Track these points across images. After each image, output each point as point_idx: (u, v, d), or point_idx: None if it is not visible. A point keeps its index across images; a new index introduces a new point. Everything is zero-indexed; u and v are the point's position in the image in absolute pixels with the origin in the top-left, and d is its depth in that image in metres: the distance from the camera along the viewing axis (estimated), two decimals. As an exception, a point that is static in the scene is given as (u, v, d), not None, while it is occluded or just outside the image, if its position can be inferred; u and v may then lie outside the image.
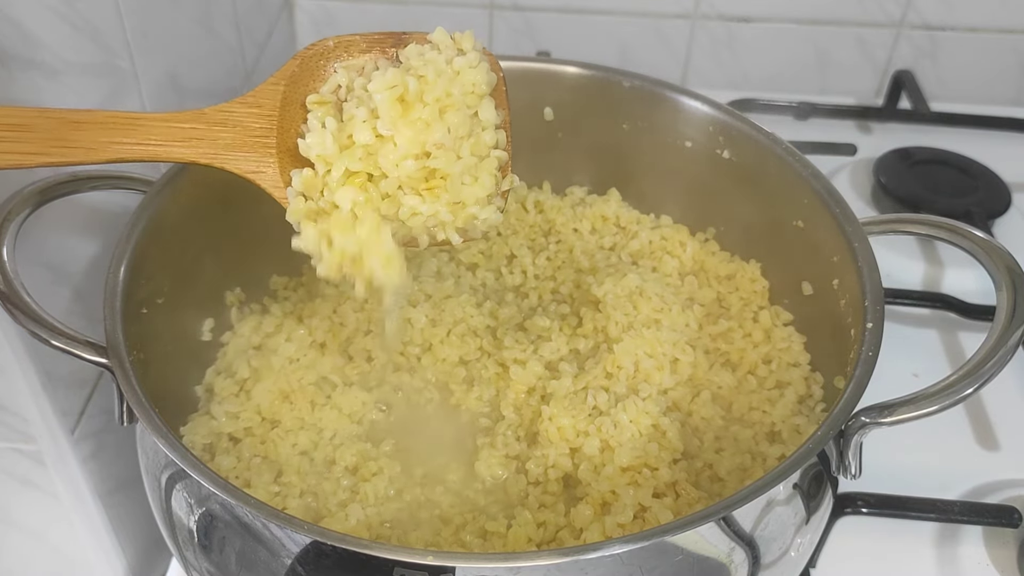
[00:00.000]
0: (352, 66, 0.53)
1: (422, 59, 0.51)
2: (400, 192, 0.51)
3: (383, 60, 0.53)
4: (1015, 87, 1.09)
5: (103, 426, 0.63)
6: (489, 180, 0.52)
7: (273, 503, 0.54)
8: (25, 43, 0.53)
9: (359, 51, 0.53)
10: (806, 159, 0.64)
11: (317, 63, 0.53)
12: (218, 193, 0.65)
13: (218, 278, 0.67)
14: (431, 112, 0.50)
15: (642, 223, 0.75)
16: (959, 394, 0.48)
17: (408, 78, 0.50)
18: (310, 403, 0.62)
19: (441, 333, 0.66)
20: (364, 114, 0.50)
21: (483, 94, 0.52)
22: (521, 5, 1.04)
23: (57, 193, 0.54)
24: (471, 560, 0.43)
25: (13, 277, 0.50)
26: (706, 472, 0.58)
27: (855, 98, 1.08)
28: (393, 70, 0.51)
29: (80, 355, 0.50)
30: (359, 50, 0.53)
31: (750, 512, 0.46)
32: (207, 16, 0.80)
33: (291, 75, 0.52)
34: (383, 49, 0.53)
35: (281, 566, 0.45)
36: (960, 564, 0.63)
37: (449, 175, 0.50)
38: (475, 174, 0.51)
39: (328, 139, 0.50)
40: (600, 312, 0.67)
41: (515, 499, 0.57)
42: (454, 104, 0.50)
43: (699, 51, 1.07)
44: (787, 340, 0.66)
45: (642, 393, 0.61)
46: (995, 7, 1.02)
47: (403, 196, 0.51)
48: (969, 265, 0.58)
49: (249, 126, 0.51)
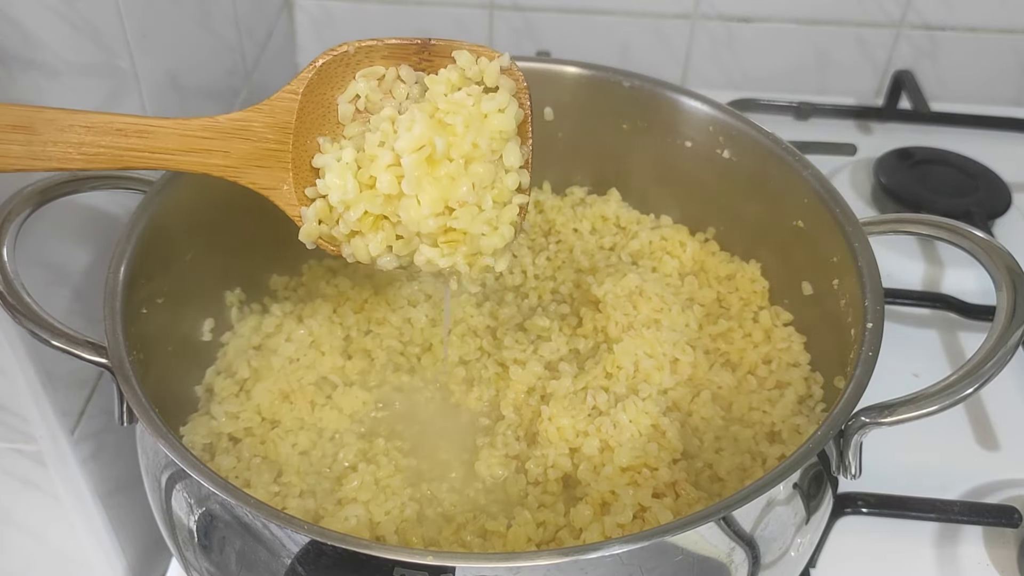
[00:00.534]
0: (373, 74, 0.51)
1: (450, 102, 0.49)
2: (417, 238, 0.50)
3: (406, 69, 0.51)
4: (1015, 87, 1.09)
5: (103, 426, 0.63)
6: (508, 231, 0.51)
7: (273, 503, 0.54)
8: (25, 43, 0.53)
9: (381, 57, 0.51)
10: (806, 159, 0.64)
11: (335, 70, 0.51)
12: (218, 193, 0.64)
13: (218, 278, 0.67)
14: (457, 167, 0.48)
15: (642, 223, 0.75)
16: (959, 394, 0.48)
17: (436, 139, 0.48)
18: (310, 403, 0.62)
19: (441, 333, 0.66)
20: (388, 157, 0.48)
21: (510, 137, 0.51)
22: (521, 5, 1.04)
23: (57, 193, 0.54)
24: (471, 560, 0.43)
25: (13, 277, 0.50)
26: (706, 472, 0.58)
27: (855, 98, 1.08)
28: (420, 125, 0.48)
29: (80, 355, 0.50)
30: (381, 56, 0.51)
31: (750, 512, 0.46)
32: (207, 16, 0.80)
33: (308, 84, 0.50)
34: (406, 56, 0.51)
35: (281, 566, 0.45)
36: (960, 564, 0.63)
37: (469, 232, 0.49)
38: (495, 224, 0.50)
39: (349, 183, 0.49)
40: (600, 312, 0.67)
41: (515, 499, 0.57)
42: (481, 156, 0.49)
43: (699, 51, 1.07)
44: (787, 340, 0.66)
45: (642, 393, 0.61)
46: (995, 7, 1.02)
47: (420, 244, 0.50)
48: (969, 265, 0.58)
49: (264, 138, 0.49)
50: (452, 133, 0.48)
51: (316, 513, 0.55)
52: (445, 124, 0.48)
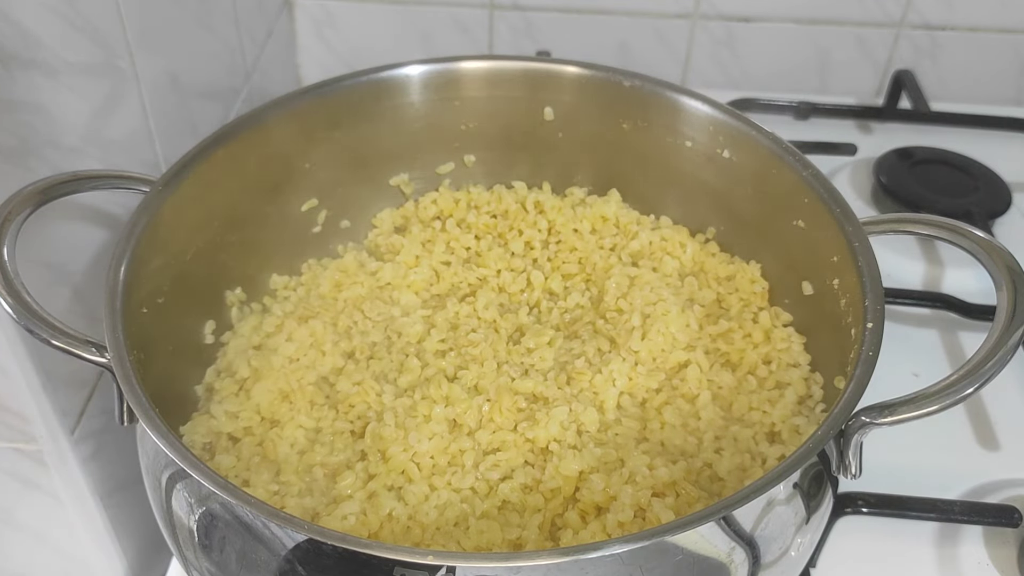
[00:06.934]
0: None
1: None
2: None
3: None
4: (1015, 87, 1.09)
5: (103, 426, 0.63)
6: None
7: (272, 502, 0.54)
8: (25, 43, 0.53)
9: None
10: (806, 159, 0.64)
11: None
12: (218, 193, 0.65)
13: (218, 278, 0.67)
14: None
15: (642, 224, 0.75)
16: (959, 394, 0.48)
17: None
18: (310, 403, 0.62)
19: (440, 333, 0.66)
20: None
21: None
22: (521, 5, 1.04)
23: (57, 193, 0.54)
24: (471, 560, 0.43)
25: (13, 277, 0.50)
26: (706, 472, 0.58)
27: (855, 98, 1.08)
28: None
29: (80, 355, 0.50)
30: None
31: (750, 512, 0.46)
32: (207, 16, 0.80)
33: None
34: None
35: (281, 565, 0.45)
36: (960, 564, 0.63)
37: None
38: None
39: None
40: (600, 313, 0.67)
41: (515, 499, 0.57)
42: None
43: (699, 51, 1.07)
44: (787, 340, 0.66)
45: (642, 393, 0.61)
46: (995, 7, 1.02)
47: None
48: (969, 265, 0.58)
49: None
50: None
51: (315, 512, 0.55)
52: None
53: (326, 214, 0.75)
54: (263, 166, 0.68)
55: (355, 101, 0.72)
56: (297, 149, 0.70)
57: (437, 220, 0.77)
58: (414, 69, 0.73)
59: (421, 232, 0.75)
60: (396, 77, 0.72)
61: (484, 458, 0.58)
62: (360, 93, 0.72)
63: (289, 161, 0.70)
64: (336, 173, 0.74)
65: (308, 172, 0.72)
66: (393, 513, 0.54)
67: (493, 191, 0.78)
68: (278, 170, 0.70)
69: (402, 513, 0.54)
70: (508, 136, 0.77)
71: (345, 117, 0.72)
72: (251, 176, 0.68)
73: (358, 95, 0.72)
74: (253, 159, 0.67)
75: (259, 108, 0.68)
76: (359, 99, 0.72)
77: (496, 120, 0.76)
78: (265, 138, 0.68)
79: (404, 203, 0.78)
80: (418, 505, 0.55)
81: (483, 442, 0.59)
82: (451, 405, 0.60)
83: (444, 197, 0.77)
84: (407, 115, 0.74)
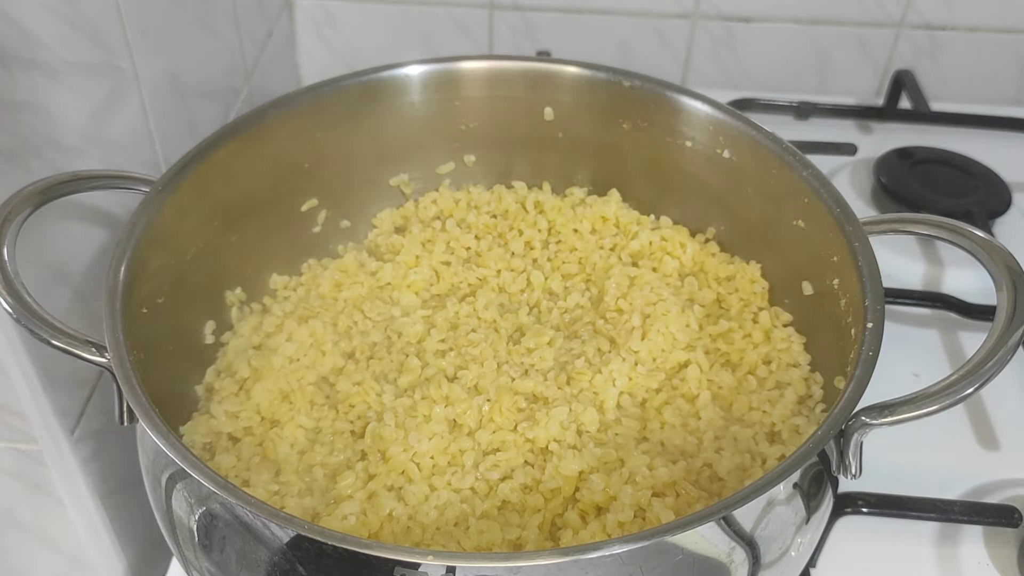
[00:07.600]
0: None
1: None
2: None
3: None
4: (1015, 87, 1.09)
5: (103, 426, 0.63)
6: None
7: (272, 502, 0.54)
8: (25, 43, 0.53)
9: None
10: (806, 159, 0.64)
11: None
12: (218, 192, 0.65)
13: (218, 278, 0.67)
14: None
15: (642, 224, 0.75)
16: (959, 394, 0.48)
17: None
18: (310, 403, 0.62)
19: (440, 333, 0.66)
20: None
21: None
22: (521, 5, 1.04)
23: (57, 193, 0.54)
24: (471, 560, 0.43)
25: (13, 277, 0.50)
26: (706, 472, 0.58)
27: (855, 98, 1.08)
28: None
29: (80, 355, 0.50)
30: None
31: (750, 512, 0.46)
32: (207, 16, 0.80)
33: None
34: None
35: (281, 566, 0.45)
36: (960, 564, 0.63)
37: None
38: None
39: None
40: (600, 313, 0.67)
41: (515, 499, 0.57)
42: None
43: (699, 51, 1.07)
44: (787, 340, 0.66)
45: (642, 392, 0.61)
46: (995, 7, 1.02)
47: None
48: (969, 265, 0.58)
49: None
50: None
51: (315, 512, 0.55)
52: None
53: (326, 214, 0.75)
54: (263, 166, 0.68)
55: (355, 101, 0.72)
56: (297, 149, 0.70)
57: (437, 220, 0.77)
58: (414, 69, 0.73)
59: (421, 232, 0.75)
60: (396, 77, 0.72)
61: (484, 458, 0.58)
62: (360, 93, 0.72)
63: (289, 161, 0.70)
64: (336, 173, 0.74)
65: (308, 172, 0.72)
66: (393, 513, 0.54)
67: (493, 191, 0.78)
68: (278, 170, 0.70)
69: (402, 513, 0.54)
70: (508, 136, 0.77)
71: (345, 117, 0.72)
72: (251, 176, 0.68)
73: (358, 95, 0.72)
74: (253, 159, 0.67)
75: (259, 108, 0.68)
76: (359, 99, 0.72)
77: (496, 120, 0.76)
78: (265, 138, 0.68)
79: (404, 203, 0.78)
80: (418, 505, 0.55)
81: (483, 442, 0.59)
82: (451, 405, 0.60)
83: (444, 197, 0.77)
84: (407, 115, 0.74)
